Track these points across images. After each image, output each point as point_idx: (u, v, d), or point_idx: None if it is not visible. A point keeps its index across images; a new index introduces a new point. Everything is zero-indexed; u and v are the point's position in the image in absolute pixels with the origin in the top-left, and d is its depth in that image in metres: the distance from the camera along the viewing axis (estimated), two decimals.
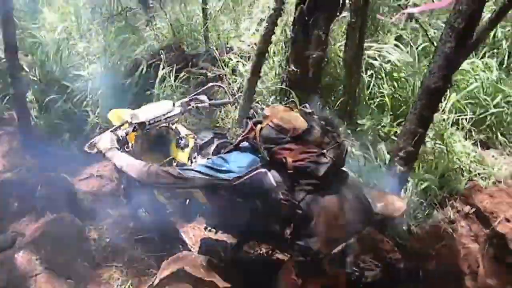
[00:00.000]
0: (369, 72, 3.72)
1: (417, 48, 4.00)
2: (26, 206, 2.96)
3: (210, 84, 2.77)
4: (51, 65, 4.06)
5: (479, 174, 3.32)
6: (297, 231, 1.84)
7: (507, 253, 2.81)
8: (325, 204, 1.80)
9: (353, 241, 1.84)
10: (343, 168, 1.96)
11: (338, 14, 3.32)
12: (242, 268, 2.44)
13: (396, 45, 3.92)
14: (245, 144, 1.96)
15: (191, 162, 2.36)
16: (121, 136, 2.24)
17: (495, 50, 4.23)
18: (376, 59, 3.77)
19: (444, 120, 3.50)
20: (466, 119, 3.66)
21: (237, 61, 4.13)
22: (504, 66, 4.15)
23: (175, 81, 3.96)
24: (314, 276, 1.92)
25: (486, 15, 3.15)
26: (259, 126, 1.85)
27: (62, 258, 2.58)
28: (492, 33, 4.13)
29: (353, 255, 1.87)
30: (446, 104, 3.52)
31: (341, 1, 3.23)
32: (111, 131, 2.27)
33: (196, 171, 1.88)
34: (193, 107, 2.55)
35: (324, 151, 1.79)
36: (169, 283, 2.30)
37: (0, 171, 3.37)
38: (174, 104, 2.50)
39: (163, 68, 3.98)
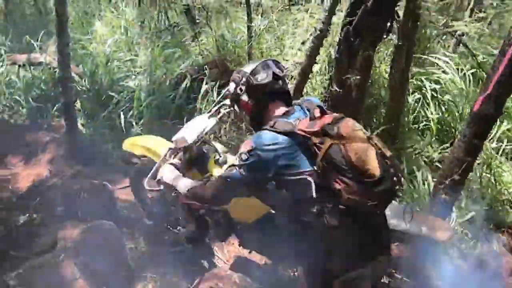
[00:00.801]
0: (416, 96, 3.65)
1: (465, 74, 3.90)
2: (69, 211, 3.04)
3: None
4: (100, 76, 4.21)
5: None
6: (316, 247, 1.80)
7: None
8: (347, 233, 1.74)
9: (366, 269, 1.78)
10: None
11: (384, 36, 3.29)
12: None
13: (444, 71, 3.83)
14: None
15: None
16: (177, 164, 2.27)
17: None
18: (422, 81, 3.69)
19: (493, 149, 3.37)
20: None
21: None
22: None
23: (217, 96, 4.01)
24: None
25: None
26: (328, 141, 1.65)
27: (100, 264, 2.62)
28: None
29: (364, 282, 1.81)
30: (496, 132, 3.39)
31: (388, 24, 3.20)
32: (166, 163, 2.29)
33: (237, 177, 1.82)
34: (223, 113, 2.50)
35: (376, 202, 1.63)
36: None
37: (47, 177, 3.49)
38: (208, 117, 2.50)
39: (206, 83, 4.05)
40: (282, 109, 1.92)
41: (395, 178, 1.65)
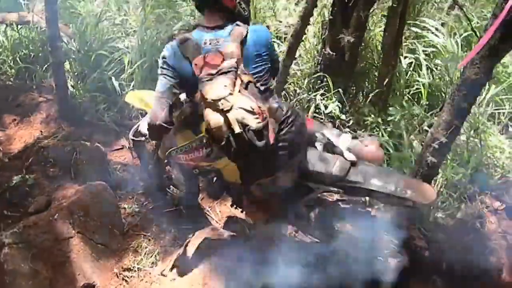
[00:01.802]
0: (407, 60, 3.64)
1: (458, 38, 3.88)
2: (62, 172, 3.07)
3: None
4: (89, 36, 4.13)
5: None
6: None
7: None
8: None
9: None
10: None
11: None
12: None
13: (437, 32, 3.81)
14: None
15: None
16: None
17: None
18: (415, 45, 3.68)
19: (480, 113, 3.41)
20: (503, 113, 3.56)
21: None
22: None
23: None
24: None
25: None
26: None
27: (94, 224, 2.68)
28: None
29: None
30: (484, 96, 3.42)
31: None
32: None
33: None
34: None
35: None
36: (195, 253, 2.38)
37: (39, 138, 3.49)
38: None
39: None
40: (211, 21, 2.01)
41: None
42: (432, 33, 3.82)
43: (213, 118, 1.76)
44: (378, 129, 3.39)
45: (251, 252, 2.40)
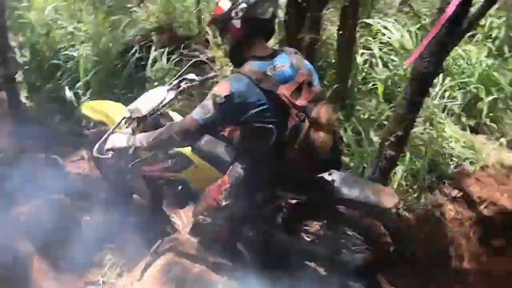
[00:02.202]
0: (363, 57, 3.73)
1: (410, 34, 4.01)
2: (19, 187, 2.95)
3: (192, 61, 2.76)
4: (41, 45, 4.00)
5: (467, 158, 3.37)
6: None
7: (493, 235, 2.88)
8: None
9: None
10: None
11: None
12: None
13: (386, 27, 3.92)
14: None
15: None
16: (130, 134, 2.22)
17: (490, 39, 4.26)
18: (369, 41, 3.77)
19: (435, 105, 3.53)
20: (456, 104, 3.69)
21: None
22: (497, 53, 4.18)
23: (167, 63, 3.93)
24: None
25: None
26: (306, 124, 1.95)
27: (54, 238, 2.60)
28: (486, 22, 4.19)
29: None
30: (439, 90, 3.54)
31: None
32: (115, 132, 2.23)
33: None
34: (184, 88, 2.48)
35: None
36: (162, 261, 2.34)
37: None
38: (167, 89, 2.46)
39: (155, 50, 3.94)
40: (265, 49, 1.94)
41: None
42: (385, 29, 3.92)
43: (325, 137, 1.87)
44: (340, 126, 3.45)
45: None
